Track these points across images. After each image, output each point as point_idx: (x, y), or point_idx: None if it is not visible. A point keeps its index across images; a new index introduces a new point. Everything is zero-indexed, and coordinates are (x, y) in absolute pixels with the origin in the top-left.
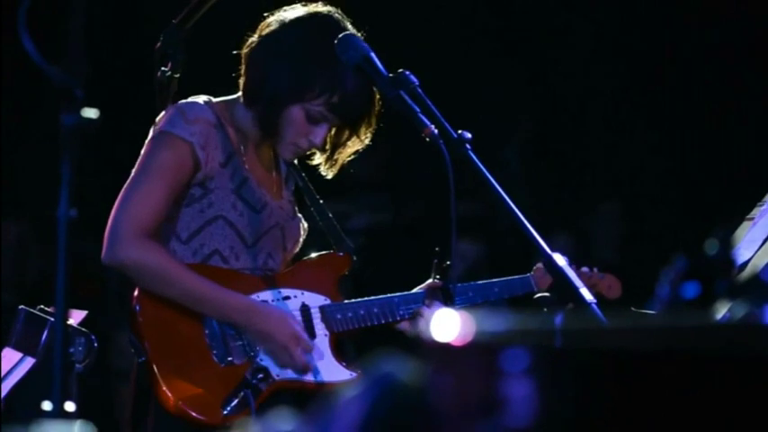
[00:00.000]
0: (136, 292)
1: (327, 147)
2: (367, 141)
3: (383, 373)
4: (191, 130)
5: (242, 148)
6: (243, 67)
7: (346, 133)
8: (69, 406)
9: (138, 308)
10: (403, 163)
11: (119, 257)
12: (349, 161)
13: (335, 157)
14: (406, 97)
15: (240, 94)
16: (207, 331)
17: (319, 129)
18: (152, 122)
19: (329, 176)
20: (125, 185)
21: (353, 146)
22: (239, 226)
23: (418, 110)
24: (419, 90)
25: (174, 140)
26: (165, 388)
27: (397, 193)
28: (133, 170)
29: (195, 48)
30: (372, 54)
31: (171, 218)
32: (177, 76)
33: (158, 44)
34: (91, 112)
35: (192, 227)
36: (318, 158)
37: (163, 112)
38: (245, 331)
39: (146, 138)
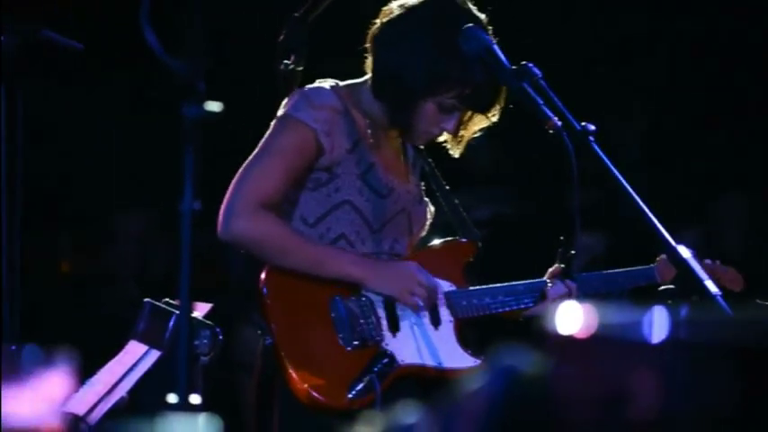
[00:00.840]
0: (263, 275)
1: None
2: (494, 119)
3: (506, 366)
4: (315, 116)
5: (369, 132)
6: (370, 55)
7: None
8: (194, 398)
9: (265, 290)
10: (526, 155)
11: (233, 231)
12: (473, 152)
13: (461, 134)
14: (529, 89)
15: (366, 78)
16: (333, 314)
17: (451, 117)
18: (274, 116)
19: (456, 155)
20: (244, 164)
21: (480, 122)
22: (365, 211)
23: (541, 102)
24: (542, 82)
25: (297, 125)
26: (291, 370)
27: (519, 184)
28: (255, 150)
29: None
30: (495, 46)
31: (294, 201)
32: (300, 69)
33: (281, 37)
34: (214, 105)
35: (319, 211)
36: (444, 136)
37: (288, 97)
38: (365, 285)
39: (267, 130)
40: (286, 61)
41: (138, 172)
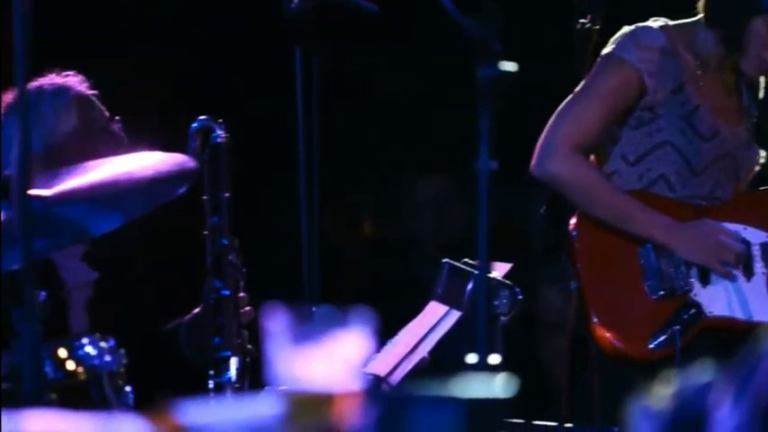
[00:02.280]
0: (574, 219)
1: None
2: None
3: None
4: (640, 56)
5: (698, 74)
6: None
7: None
8: (494, 358)
9: (575, 233)
10: None
11: (548, 170)
12: None
13: None
14: None
15: (700, 16)
16: (642, 261)
17: None
18: (571, 75)
19: None
20: (565, 102)
21: None
22: (687, 153)
23: None
24: None
25: (621, 64)
26: (593, 315)
27: None
28: (577, 88)
29: None
30: None
31: (616, 139)
32: (597, 27)
33: None
34: (509, 66)
35: (640, 150)
36: None
37: (618, 34)
38: (669, 249)
39: (562, 90)
40: (582, 20)
41: (437, 132)
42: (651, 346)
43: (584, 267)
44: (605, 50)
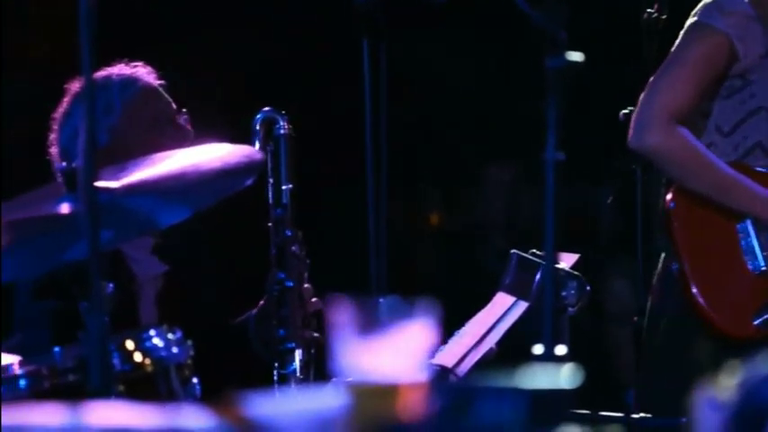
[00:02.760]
0: (669, 195)
1: None
2: None
3: None
4: (727, 22)
5: None
6: None
7: None
8: (560, 349)
9: (672, 205)
10: None
11: (646, 142)
12: None
13: None
14: None
15: None
16: (741, 236)
17: None
18: (638, 66)
19: None
20: (655, 74)
21: None
22: None
23: None
24: None
25: (709, 31)
26: (694, 291)
27: None
28: (666, 59)
29: None
30: None
31: (708, 112)
32: (664, 17)
33: None
34: (576, 56)
35: (734, 119)
36: None
37: (699, 5)
38: None
39: (631, 82)
40: (649, 10)
41: (505, 122)
42: (756, 322)
43: (683, 242)
44: (689, 21)
